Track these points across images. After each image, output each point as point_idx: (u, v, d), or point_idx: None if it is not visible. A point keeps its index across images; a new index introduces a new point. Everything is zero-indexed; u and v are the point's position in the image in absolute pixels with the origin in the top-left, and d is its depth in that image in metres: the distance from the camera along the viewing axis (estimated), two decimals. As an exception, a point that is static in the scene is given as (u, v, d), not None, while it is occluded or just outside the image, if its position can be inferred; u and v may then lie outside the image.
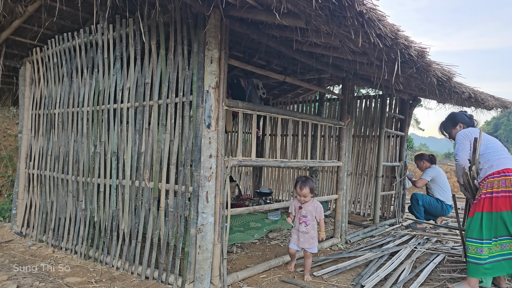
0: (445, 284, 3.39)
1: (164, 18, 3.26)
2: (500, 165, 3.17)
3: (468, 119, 3.71)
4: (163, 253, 3.19)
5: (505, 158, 3.23)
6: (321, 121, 4.51)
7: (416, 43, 2.86)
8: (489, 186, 3.14)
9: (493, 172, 3.15)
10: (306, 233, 3.46)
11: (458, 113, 3.82)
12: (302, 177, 3.55)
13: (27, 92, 4.89)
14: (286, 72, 5.78)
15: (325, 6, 2.12)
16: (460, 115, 3.76)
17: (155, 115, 3.37)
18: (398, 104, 6.61)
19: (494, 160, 3.21)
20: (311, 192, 3.46)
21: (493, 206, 3.09)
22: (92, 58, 3.96)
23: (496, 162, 3.20)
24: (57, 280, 3.25)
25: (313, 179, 3.58)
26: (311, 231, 3.47)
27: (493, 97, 5.24)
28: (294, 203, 3.59)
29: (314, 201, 3.55)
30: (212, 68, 2.93)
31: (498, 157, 3.23)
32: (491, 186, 3.13)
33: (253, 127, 3.56)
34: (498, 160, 3.21)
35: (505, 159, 3.23)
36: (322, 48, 3.36)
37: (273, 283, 3.37)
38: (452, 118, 3.78)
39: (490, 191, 3.13)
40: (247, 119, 8.11)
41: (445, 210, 6.00)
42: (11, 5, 3.91)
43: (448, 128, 3.78)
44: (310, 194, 3.47)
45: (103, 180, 3.76)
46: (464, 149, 3.36)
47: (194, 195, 3.01)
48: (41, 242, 4.40)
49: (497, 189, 3.10)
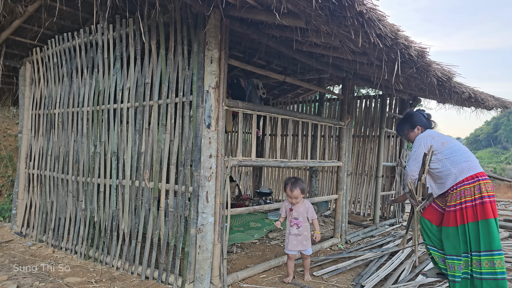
0: (445, 283, 3.39)
1: (164, 18, 3.26)
2: (471, 169, 2.87)
3: (425, 120, 3.35)
4: (163, 253, 3.19)
5: (473, 161, 2.95)
6: (321, 121, 4.51)
7: (416, 43, 2.86)
8: (465, 194, 2.81)
9: (466, 178, 2.84)
10: (299, 235, 3.35)
11: (415, 113, 3.42)
12: (291, 178, 3.40)
13: (27, 92, 4.89)
14: (286, 72, 5.78)
15: (325, 6, 2.12)
16: (418, 116, 3.38)
17: (155, 115, 3.37)
18: (398, 104, 6.61)
19: (463, 163, 2.90)
20: (302, 193, 3.34)
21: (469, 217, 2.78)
22: (92, 58, 3.96)
23: (466, 165, 2.89)
24: (57, 280, 3.25)
25: (302, 179, 3.47)
26: (304, 233, 3.37)
27: (493, 97, 5.24)
28: (285, 204, 3.49)
29: (305, 201, 3.44)
30: (212, 68, 2.93)
31: (466, 159, 2.93)
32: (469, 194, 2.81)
33: (253, 127, 3.56)
34: (466, 163, 2.90)
35: (474, 162, 2.94)
36: (322, 48, 3.36)
37: (273, 283, 3.37)
38: (409, 119, 3.40)
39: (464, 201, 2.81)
40: (247, 119, 8.11)
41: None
42: (11, 5, 3.91)
43: (406, 130, 3.41)
44: (301, 195, 3.34)
45: (103, 180, 3.76)
46: (416, 159, 3.05)
47: (194, 195, 3.01)
48: (41, 242, 4.40)
49: (471, 197, 2.79)
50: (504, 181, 13.42)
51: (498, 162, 34.02)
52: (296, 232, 3.35)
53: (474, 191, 2.79)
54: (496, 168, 18.11)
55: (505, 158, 42.25)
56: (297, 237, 3.35)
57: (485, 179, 2.84)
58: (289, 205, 3.42)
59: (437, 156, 3.00)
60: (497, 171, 16.41)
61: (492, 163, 29.78)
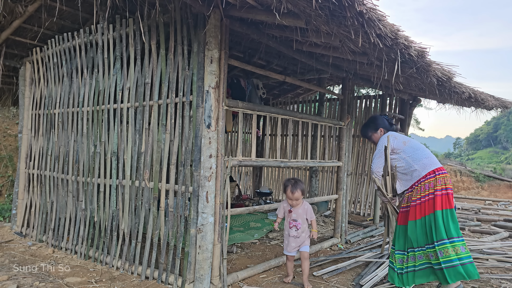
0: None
1: (164, 18, 3.26)
2: (432, 165, 3.12)
3: (388, 124, 3.63)
4: (163, 253, 3.19)
5: (432, 158, 3.20)
6: (321, 121, 4.52)
7: (416, 43, 2.86)
8: (426, 188, 3.05)
9: (428, 172, 3.08)
10: (297, 238, 3.29)
11: (379, 117, 3.71)
12: (291, 180, 3.32)
13: (27, 92, 4.89)
14: (286, 72, 5.78)
15: (325, 6, 2.12)
16: (381, 119, 3.66)
17: (155, 115, 3.37)
18: (398, 104, 6.61)
19: (424, 160, 3.16)
20: (302, 194, 3.28)
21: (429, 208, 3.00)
22: (92, 58, 3.96)
23: (427, 161, 3.15)
24: (57, 280, 3.25)
25: (302, 180, 3.45)
26: (302, 235, 3.30)
27: (493, 97, 5.24)
28: (283, 205, 3.41)
29: (304, 202, 3.37)
30: (212, 68, 2.93)
31: (426, 156, 3.19)
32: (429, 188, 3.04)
33: (253, 127, 3.56)
34: (427, 159, 3.16)
35: (433, 158, 3.19)
36: (322, 48, 3.36)
37: (273, 283, 3.37)
38: (373, 122, 3.68)
39: (425, 194, 3.04)
40: (247, 119, 8.11)
41: None
42: (11, 5, 3.91)
43: (369, 132, 3.67)
44: (302, 196, 3.28)
45: (103, 180, 3.76)
46: (380, 157, 3.33)
47: (194, 195, 3.01)
48: (41, 242, 4.40)
49: (430, 190, 3.03)
50: (504, 181, 13.42)
51: (498, 162, 34.01)
52: (295, 234, 3.30)
53: (434, 184, 3.03)
54: (496, 168, 18.12)
55: (505, 158, 42.23)
56: (296, 239, 3.30)
57: (442, 173, 3.08)
58: (288, 207, 3.35)
59: (400, 155, 3.27)
60: (497, 171, 16.42)
61: (492, 163, 29.77)
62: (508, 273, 3.73)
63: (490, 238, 5.29)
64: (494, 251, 4.42)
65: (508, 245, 4.78)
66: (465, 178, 13.81)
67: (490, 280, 3.53)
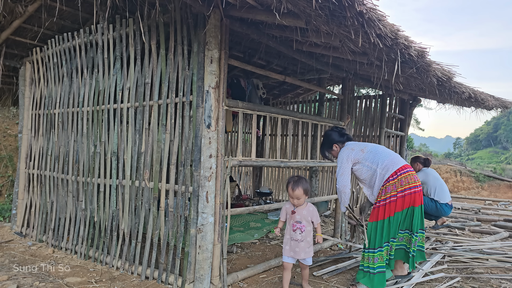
0: (445, 282, 3.39)
1: (164, 18, 3.26)
2: (394, 165, 3.14)
3: (339, 136, 3.53)
4: (163, 253, 3.19)
5: (394, 157, 3.21)
6: (321, 121, 4.52)
7: (416, 43, 2.86)
8: (390, 189, 3.09)
9: (391, 174, 3.10)
10: (302, 241, 3.00)
11: (329, 132, 3.61)
12: (294, 177, 3.08)
13: (27, 92, 4.89)
14: (286, 72, 5.78)
15: (325, 6, 2.12)
16: (332, 134, 3.56)
17: (155, 115, 3.37)
18: (398, 104, 6.61)
19: (385, 161, 3.17)
20: (305, 193, 3.01)
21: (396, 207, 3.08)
22: (92, 58, 3.96)
23: (388, 162, 3.16)
24: (57, 280, 3.25)
25: (306, 179, 3.28)
26: (307, 238, 3.03)
27: (493, 97, 5.24)
28: (286, 207, 3.16)
29: (309, 204, 3.13)
30: (212, 68, 2.93)
31: (387, 157, 3.20)
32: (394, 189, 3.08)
33: (253, 127, 3.56)
34: (388, 160, 3.17)
35: (395, 157, 3.21)
36: (322, 48, 3.36)
37: (273, 283, 3.37)
38: (326, 140, 3.61)
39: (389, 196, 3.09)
40: (247, 119, 8.11)
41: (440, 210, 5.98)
42: (11, 5, 3.91)
43: (326, 152, 3.63)
44: (304, 196, 3.01)
45: (103, 180, 3.76)
46: (344, 173, 3.30)
47: (194, 195, 3.01)
48: (41, 242, 4.40)
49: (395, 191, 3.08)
50: (504, 181, 13.42)
51: (498, 162, 34.01)
52: (299, 237, 3.01)
53: (397, 185, 3.09)
54: (496, 168, 18.11)
55: (505, 158, 42.24)
56: (299, 243, 3.00)
57: (406, 171, 3.13)
58: (291, 207, 3.09)
59: (363, 163, 3.27)
60: (497, 171, 16.41)
61: (492, 163, 29.77)
62: (508, 273, 3.73)
63: (490, 238, 5.29)
64: (494, 251, 4.41)
65: (508, 245, 4.78)
66: (465, 178, 13.81)
67: (490, 280, 3.53)
